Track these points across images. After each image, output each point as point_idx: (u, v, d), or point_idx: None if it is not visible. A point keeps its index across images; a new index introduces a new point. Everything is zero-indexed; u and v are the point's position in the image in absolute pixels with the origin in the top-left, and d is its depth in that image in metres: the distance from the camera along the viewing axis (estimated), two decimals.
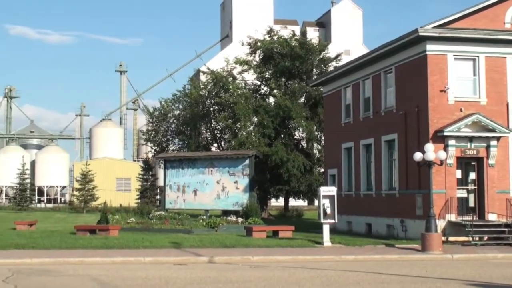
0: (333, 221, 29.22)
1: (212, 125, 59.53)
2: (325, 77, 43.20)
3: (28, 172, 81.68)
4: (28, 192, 79.39)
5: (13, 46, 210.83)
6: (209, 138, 60.46)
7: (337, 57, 56.15)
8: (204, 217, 37.74)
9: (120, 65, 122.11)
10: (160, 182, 70.00)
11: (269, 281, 17.76)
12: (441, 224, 28.82)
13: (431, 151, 26.83)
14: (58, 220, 51.96)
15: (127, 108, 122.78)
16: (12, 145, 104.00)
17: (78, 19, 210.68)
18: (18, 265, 21.02)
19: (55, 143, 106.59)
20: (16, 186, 78.86)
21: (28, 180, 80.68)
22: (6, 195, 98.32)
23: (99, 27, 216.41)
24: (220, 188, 40.10)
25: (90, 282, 17.25)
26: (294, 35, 57.92)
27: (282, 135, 53.61)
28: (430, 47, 30.30)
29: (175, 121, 62.32)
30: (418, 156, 27.27)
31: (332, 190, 30.07)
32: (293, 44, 54.97)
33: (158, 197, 73.14)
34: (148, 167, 73.33)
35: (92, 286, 16.52)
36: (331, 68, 53.39)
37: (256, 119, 53.34)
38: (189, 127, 59.42)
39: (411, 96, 31.70)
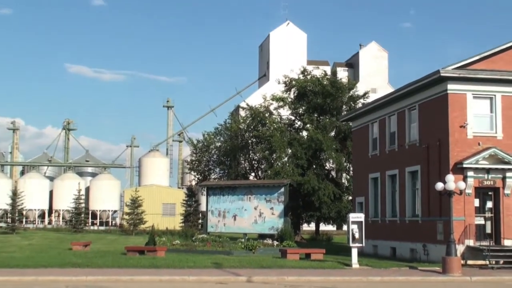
0: (361, 245, 29.17)
1: (250, 156, 59.73)
2: (354, 113, 43.28)
3: (83, 197, 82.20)
4: (82, 215, 79.89)
5: (71, 83, 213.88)
6: (247, 168, 60.63)
7: (364, 94, 56.25)
8: (243, 240, 37.76)
9: (168, 101, 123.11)
10: (202, 208, 70.26)
11: None
12: (460, 248, 28.64)
13: (452, 181, 26.76)
14: (110, 241, 52.26)
15: (173, 140, 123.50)
16: (69, 173, 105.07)
17: (130, 59, 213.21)
18: (74, 282, 21.28)
19: (108, 171, 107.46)
20: (72, 210, 79.42)
21: (83, 205, 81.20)
22: (63, 218, 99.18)
23: (149, 67, 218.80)
24: (258, 213, 40.17)
25: None
26: (325, 74, 58.19)
27: (314, 166, 53.61)
28: (451, 87, 30.30)
29: (216, 152, 62.62)
30: (439, 186, 27.22)
31: (360, 216, 30.07)
32: (325, 82, 55.21)
33: (200, 221, 73.24)
34: (191, 194, 73.60)
35: None
36: (359, 105, 53.45)
37: (290, 150, 53.51)
38: (229, 157, 59.68)
39: (433, 131, 31.65)
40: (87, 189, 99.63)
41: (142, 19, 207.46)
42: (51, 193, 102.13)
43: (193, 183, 73.46)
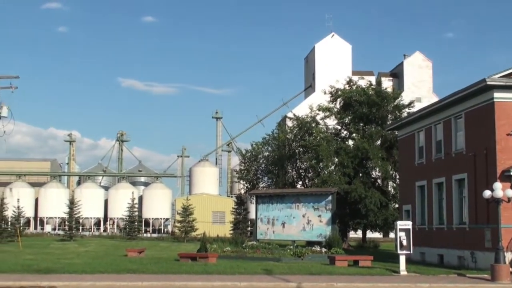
0: (408, 252, 28.78)
1: (298, 165, 59.54)
2: (400, 122, 42.83)
3: (136, 206, 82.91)
4: (136, 223, 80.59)
5: (124, 97, 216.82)
6: (295, 177, 60.43)
7: (410, 104, 55.52)
8: (292, 247, 37.55)
9: (216, 112, 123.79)
10: (251, 215, 70.20)
11: None
12: (508, 256, 27.93)
13: (499, 189, 26.23)
14: (162, 248, 52.54)
15: (222, 150, 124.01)
16: (123, 182, 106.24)
17: (180, 73, 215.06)
18: None
19: (160, 180, 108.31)
20: (126, 218, 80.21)
21: (136, 213, 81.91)
22: (117, 226, 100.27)
23: (198, 80, 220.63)
24: (306, 221, 39.89)
25: None
26: (370, 84, 57.74)
27: (360, 174, 53.14)
28: (497, 95, 29.75)
29: (264, 161, 62.61)
30: (487, 193, 26.70)
31: (408, 224, 29.70)
32: (370, 92, 54.77)
33: (249, 228, 73.27)
34: (240, 202, 73.70)
35: None
36: (405, 114, 52.82)
37: (337, 159, 53.13)
38: (277, 166, 59.57)
39: (479, 139, 31.09)
40: (140, 198, 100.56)
41: (190, 34, 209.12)
42: (106, 202, 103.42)
43: (242, 191, 73.51)
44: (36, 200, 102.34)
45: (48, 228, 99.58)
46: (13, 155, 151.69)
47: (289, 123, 62.77)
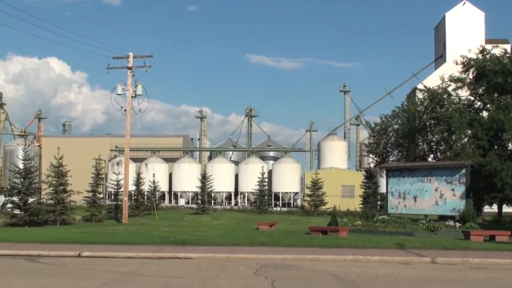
0: None
1: (428, 137, 58.05)
2: None
3: (266, 180, 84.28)
4: (266, 197, 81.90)
5: (252, 73, 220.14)
6: (426, 150, 58.98)
7: None
8: (424, 221, 36.84)
9: (344, 86, 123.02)
10: (381, 189, 69.60)
11: (491, 282, 16.98)
12: None
13: None
14: (292, 222, 53.03)
15: (350, 124, 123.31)
16: (253, 157, 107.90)
17: (307, 48, 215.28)
18: (263, 260, 21.67)
19: (289, 155, 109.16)
20: (256, 192, 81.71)
21: (266, 187, 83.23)
22: (248, 199, 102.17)
23: (325, 54, 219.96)
24: (438, 195, 39.01)
25: (328, 276, 17.43)
26: (505, 53, 55.08)
27: (495, 147, 51.10)
28: None
29: (394, 134, 61.51)
30: None
31: None
32: (505, 61, 52.35)
33: (379, 202, 72.67)
34: (370, 176, 73.19)
35: (331, 280, 16.66)
36: None
37: (470, 131, 51.40)
38: (407, 139, 58.38)
39: None
40: (270, 172, 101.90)
41: (318, 9, 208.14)
42: (236, 176, 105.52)
43: (372, 165, 72.84)
44: (170, 175, 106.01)
45: (181, 201, 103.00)
46: (148, 132, 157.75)
47: (419, 95, 61.13)
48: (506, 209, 61.36)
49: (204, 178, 76.15)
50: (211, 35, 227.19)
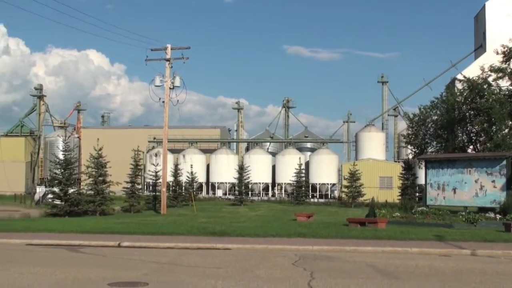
0: None
1: (468, 128, 57.35)
2: None
3: (303, 171, 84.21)
4: (303, 188, 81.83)
5: (289, 64, 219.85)
6: (465, 141, 58.32)
7: None
8: (463, 213, 36.45)
9: (382, 77, 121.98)
10: (420, 181, 69.01)
11: None
12: None
13: None
14: (330, 213, 52.95)
15: (388, 115, 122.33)
16: (290, 148, 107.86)
17: (345, 38, 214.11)
18: (301, 251, 21.67)
19: (326, 146, 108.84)
20: (294, 183, 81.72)
21: (303, 178, 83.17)
22: (285, 190, 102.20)
23: (362, 45, 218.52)
24: (478, 186, 38.54)
25: (367, 268, 17.36)
26: None
27: None
28: None
29: (433, 125, 60.86)
30: None
31: None
32: None
33: (417, 194, 72.09)
34: (408, 167, 72.62)
35: (370, 272, 16.59)
36: None
37: (511, 122, 50.68)
38: (446, 130, 57.74)
39: None
40: (307, 164, 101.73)
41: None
42: (273, 167, 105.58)
43: (410, 156, 72.23)
44: (207, 166, 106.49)
45: (219, 192, 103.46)
46: (185, 123, 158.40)
47: (459, 85, 60.39)
48: None
49: (241, 169, 76.37)
50: (248, 27, 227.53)
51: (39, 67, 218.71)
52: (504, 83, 55.35)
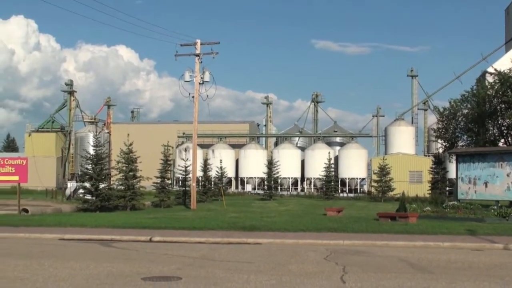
0: None
1: (499, 122, 56.71)
2: None
3: (332, 166, 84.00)
4: (332, 183, 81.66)
5: (318, 58, 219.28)
6: (496, 134, 57.69)
7: None
8: (495, 207, 36.07)
9: (411, 70, 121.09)
10: (450, 175, 68.48)
11: None
12: None
13: None
14: (360, 207, 52.75)
15: (418, 109, 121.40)
16: (319, 143, 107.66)
17: (373, 32, 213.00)
18: (332, 246, 21.63)
19: (355, 140, 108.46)
20: (323, 178, 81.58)
21: (332, 173, 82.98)
22: (314, 185, 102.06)
23: (392, 38, 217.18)
24: (510, 180, 37.98)
25: (400, 262, 17.28)
26: None
27: None
28: None
29: (463, 119, 60.25)
30: None
31: None
32: None
33: (448, 188, 71.52)
34: (438, 161, 72.04)
35: (403, 266, 16.51)
36: None
37: None
38: (477, 124, 57.13)
39: None
40: (336, 158, 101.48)
41: None
42: (302, 162, 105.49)
43: (440, 150, 71.64)
44: (236, 161, 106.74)
45: (248, 187, 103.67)
46: (215, 118, 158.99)
47: (490, 78, 59.71)
48: None
49: (270, 164, 76.47)
50: (277, 21, 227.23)
51: (69, 63, 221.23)
52: None
